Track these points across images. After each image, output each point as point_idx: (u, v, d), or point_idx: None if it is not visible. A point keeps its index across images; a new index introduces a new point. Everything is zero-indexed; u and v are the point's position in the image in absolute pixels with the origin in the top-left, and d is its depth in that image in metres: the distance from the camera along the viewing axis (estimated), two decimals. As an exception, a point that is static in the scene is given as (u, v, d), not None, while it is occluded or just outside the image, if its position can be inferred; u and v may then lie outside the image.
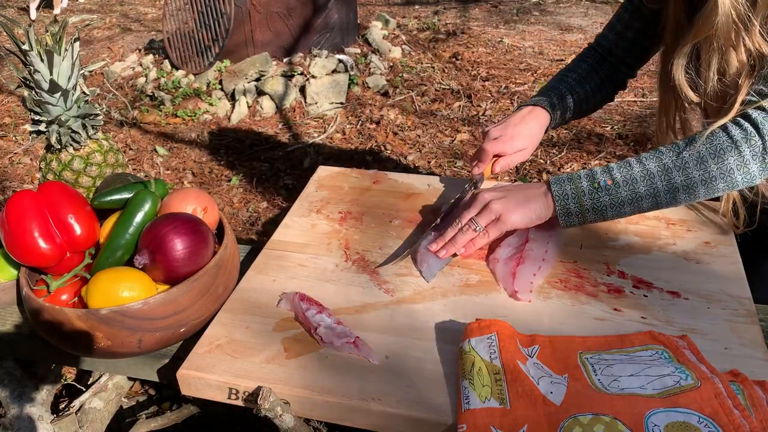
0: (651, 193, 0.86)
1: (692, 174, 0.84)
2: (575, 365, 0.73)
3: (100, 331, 0.77)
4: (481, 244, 0.93)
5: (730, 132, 0.84)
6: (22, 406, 1.02)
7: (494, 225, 0.91)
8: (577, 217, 0.89)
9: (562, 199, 0.88)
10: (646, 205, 0.87)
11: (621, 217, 0.89)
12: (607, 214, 0.88)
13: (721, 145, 0.84)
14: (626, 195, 0.86)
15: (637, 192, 0.86)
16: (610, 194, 0.86)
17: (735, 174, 0.84)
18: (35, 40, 0.93)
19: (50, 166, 1.03)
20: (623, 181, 0.86)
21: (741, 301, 0.84)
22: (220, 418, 1.36)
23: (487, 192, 0.93)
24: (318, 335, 0.80)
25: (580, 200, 0.87)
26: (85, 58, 4.50)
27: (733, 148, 0.83)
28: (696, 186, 0.85)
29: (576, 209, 0.88)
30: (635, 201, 0.86)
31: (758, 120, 0.83)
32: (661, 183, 0.85)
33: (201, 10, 3.64)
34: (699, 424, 0.62)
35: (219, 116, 3.52)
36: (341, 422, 0.75)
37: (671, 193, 0.85)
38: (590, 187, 0.87)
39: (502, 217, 0.90)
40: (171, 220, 0.84)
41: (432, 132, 3.23)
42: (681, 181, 0.84)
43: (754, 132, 0.83)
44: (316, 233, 1.05)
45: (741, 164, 0.83)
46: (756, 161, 0.83)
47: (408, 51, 4.09)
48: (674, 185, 0.85)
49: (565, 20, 4.86)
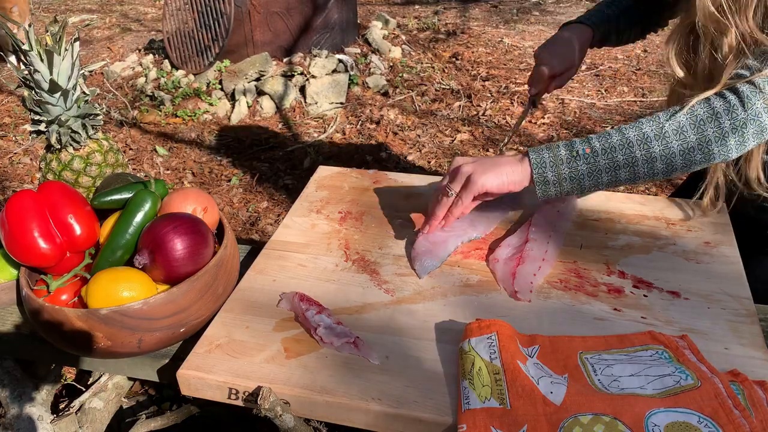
0: (629, 161, 0.85)
1: (671, 144, 0.83)
2: (575, 365, 0.73)
3: (100, 331, 0.77)
4: (459, 212, 0.92)
5: (712, 103, 0.83)
6: (22, 406, 1.02)
7: (466, 188, 0.90)
8: (554, 186, 0.88)
9: (540, 167, 0.87)
10: (624, 175, 0.86)
11: (598, 188, 0.88)
12: (584, 183, 0.87)
13: (702, 115, 0.83)
14: (604, 163, 0.85)
15: (615, 161, 0.85)
16: (588, 162, 0.86)
17: (712, 145, 0.83)
18: (35, 40, 0.93)
19: (50, 166, 1.03)
20: (602, 149, 0.85)
21: (741, 301, 0.84)
22: (220, 418, 1.36)
23: (461, 159, 0.94)
24: (318, 335, 0.80)
25: (558, 168, 0.86)
26: (85, 58, 4.50)
27: (713, 119, 0.82)
28: (674, 156, 0.84)
29: (553, 177, 0.87)
30: (613, 170, 0.85)
31: (745, 93, 0.82)
32: (639, 152, 0.84)
33: (201, 10, 3.64)
34: (699, 424, 0.62)
35: (219, 116, 3.52)
36: (341, 422, 0.75)
37: (649, 163, 0.84)
38: (569, 156, 0.86)
39: (472, 178, 0.89)
40: (171, 220, 0.84)
41: (432, 132, 3.23)
42: (659, 150, 0.84)
43: (738, 104, 0.82)
44: (316, 233, 1.05)
45: (720, 136, 0.82)
46: (735, 134, 0.82)
47: (408, 51, 4.09)
48: (652, 155, 0.84)
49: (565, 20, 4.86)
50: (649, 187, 2.64)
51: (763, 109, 0.81)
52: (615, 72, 3.68)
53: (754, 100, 0.81)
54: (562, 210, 1.04)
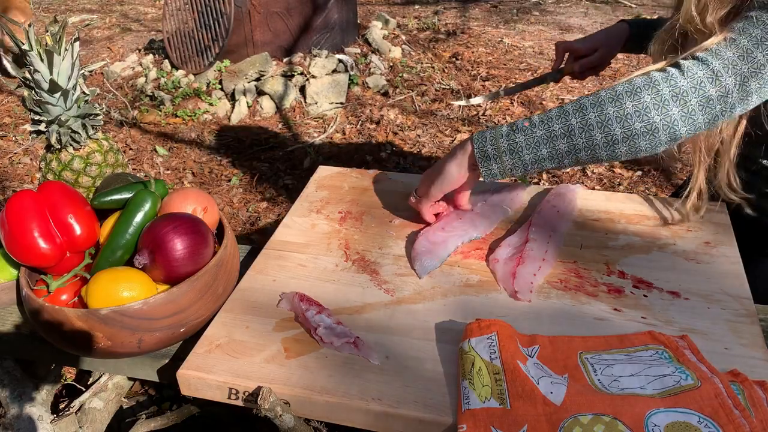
0: (565, 131, 0.83)
1: (607, 110, 0.81)
2: (575, 365, 0.73)
3: (100, 331, 0.77)
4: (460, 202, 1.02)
5: (650, 74, 0.82)
6: (22, 406, 1.02)
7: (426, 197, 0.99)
8: (496, 162, 0.88)
9: (480, 142, 0.89)
10: (563, 146, 0.84)
11: (541, 164, 0.87)
12: (524, 157, 0.86)
13: (639, 83, 0.81)
14: (541, 134, 0.85)
15: (551, 130, 0.84)
16: (526, 134, 0.86)
17: (651, 112, 0.80)
18: (35, 40, 0.93)
19: (50, 166, 1.03)
20: (539, 121, 0.86)
21: (741, 301, 0.84)
22: (220, 418, 1.36)
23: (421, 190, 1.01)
24: (318, 335, 0.80)
25: (497, 142, 0.87)
26: (85, 58, 4.50)
27: (651, 87, 0.80)
28: (611, 123, 0.81)
29: (493, 151, 0.88)
30: (550, 140, 0.84)
31: (686, 65, 0.81)
32: (575, 119, 0.83)
33: (201, 10, 3.64)
34: (699, 424, 0.62)
35: (219, 116, 3.52)
36: (341, 422, 0.75)
37: (586, 132, 0.82)
38: (508, 130, 0.87)
39: (428, 193, 0.98)
40: (171, 220, 0.84)
41: (432, 132, 3.23)
42: (595, 117, 0.82)
43: (677, 74, 0.80)
44: (316, 233, 1.05)
45: (659, 103, 0.79)
46: (677, 103, 0.79)
47: (408, 51, 4.09)
48: (588, 122, 0.82)
49: (565, 20, 4.86)
50: (649, 187, 2.64)
51: (707, 78, 0.79)
52: (615, 72, 3.68)
53: (696, 69, 0.79)
54: (562, 210, 1.04)
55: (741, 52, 0.79)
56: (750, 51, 0.78)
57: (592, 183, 2.70)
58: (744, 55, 0.78)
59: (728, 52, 0.79)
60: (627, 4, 5.15)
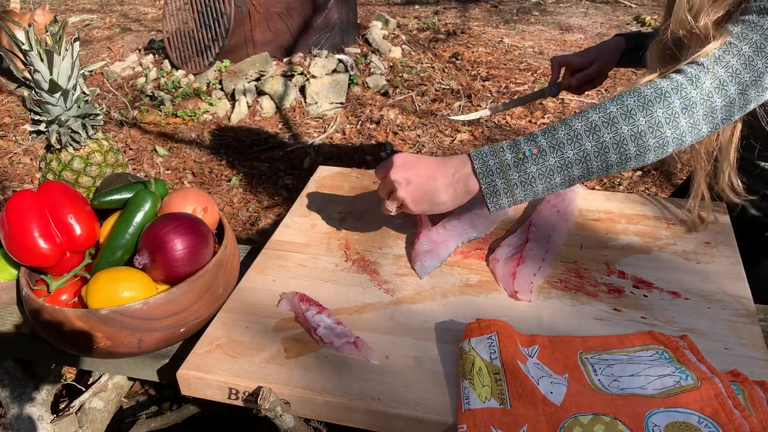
0: (581, 157, 0.78)
1: (621, 129, 0.77)
2: (575, 365, 0.73)
3: (100, 331, 0.77)
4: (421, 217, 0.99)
5: (658, 84, 0.78)
6: (22, 406, 1.02)
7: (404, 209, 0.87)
8: (506, 196, 0.80)
9: (487, 176, 0.79)
10: (578, 172, 0.79)
11: (552, 190, 0.81)
12: (537, 188, 0.79)
13: (650, 96, 0.77)
14: (554, 162, 0.78)
15: (566, 157, 0.78)
16: (537, 163, 0.78)
17: (664, 128, 0.77)
18: (35, 40, 0.93)
19: (50, 166, 1.03)
20: (549, 147, 0.78)
21: (741, 301, 0.84)
22: (220, 418, 1.36)
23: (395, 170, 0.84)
24: (318, 336, 0.80)
25: (506, 174, 0.79)
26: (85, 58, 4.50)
27: (662, 99, 0.77)
28: (626, 143, 0.77)
29: (503, 186, 0.79)
30: (565, 168, 0.78)
31: (691, 73, 0.78)
32: (590, 143, 0.77)
33: (201, 10, 3.64)
34: (699, 424, 0.62)
35: (219, 116, 3.52)
36: (341, 422, 0.75)
37: (602, 155, 0.78)
38: (515, 159, 0.79)
39: (408, 206, 0.85)
40: (171, 220, 0.84)
41: (432, 132, 3.23)
42: (610, 138, 0.77)
43: (686, 83, 0.77)
44: (316, 233, 1.05)
45: (670, 117, 0.77)
46: (686, 114, 0.77)
47: (408, 51, 4.09)
48: (604, 144, 0.77)
49: (565, 20, 4.86)
50: (649, 187, 2.64)
51: (714, 88, 0.77)
52: (615, 72, 3.68)
53: (703, 78, 0.77)
54: (562, 210, 1.04)
55: (744, 59, 0.77)
56: (751, 59, 0.76)
57: (592, 183, 2.70)
58: (746, 63, 0.77)
59: (732, 59, 0.77)
60: (627, 4, 5.15)
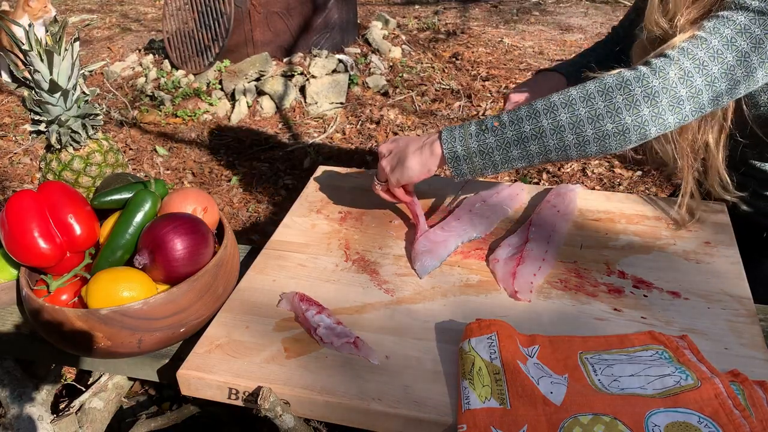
0: (537, 132, 0.81)
1: (579, 110, 0.80)
2: (575, 365, 0.73)
3: (100, 331, 0.77)
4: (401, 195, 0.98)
5: (622, 73, 0.80)
6: (22, 406, 1.02)
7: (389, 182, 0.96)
8: (465, 163, 0.86)
9: (449, 142, 0.86)
10: (534, 149, 0.82)
11: (512, 164, 0.85)
12: (495, 158, 0.84)
13: (611, 83, 0.80)
14: (512, 135, 0.82)
15: (522, 131, 0.82)
16: (496, 135, 0.83)
17: (623, 113, 0.78)
18: (35, 40, 0.93)
19: (50, 166, 1.03)
20: (509, 121, 0.83)
21: (741, 301, 0.84)
22: (220, 418, 1.36)
23: (383, 147, 0.97)
24: (318, 336, 0.80)
25: (467, 142, 0.85)
26: (85, 58, 4.50)
27: (623, 86, 0.79)
28: (582, 124, 0.79)
29: (463, 152, 0.85)
30: (521, 142, 0.82)
31: (657, 64, 0.79)
32: (546, 121, 0.81)
33: (201, 10, 3.64)
34: (699, 424, 0.62)
35: (219, 116, 3.52)
36: (341, 422, 0.75)
37: (558, 133, 0.80)
38: (478, 130, 0.85)
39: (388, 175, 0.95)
40: (171, 220, 0.84)
41: (432, 132, 3.22)
42: (567, 118, 0.80)
43: (648, 73, 0.79)
44: (316, 233, 1.05)
45: (630, 104, 0.78)
46: (647, 103, 0.78)
47: (408, 51, 4.09)
48: (560, 123, 0.80)
49: (565, 20, 4.86)
50: (648, 187, 2.64)
51: (678, 78, 0.78)
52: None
53: (667, 69, 0.78)
54: (562, 210, 1.04)
55: (712, 52, 0.78)
56: (721, 52, 0.78)
57: (592, 183, 2.70)
58: (714, 55, 0.78)
59: (700, 52, 0.78)
60: (627, 4, 5.15)
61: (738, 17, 0.78)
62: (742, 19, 0.77)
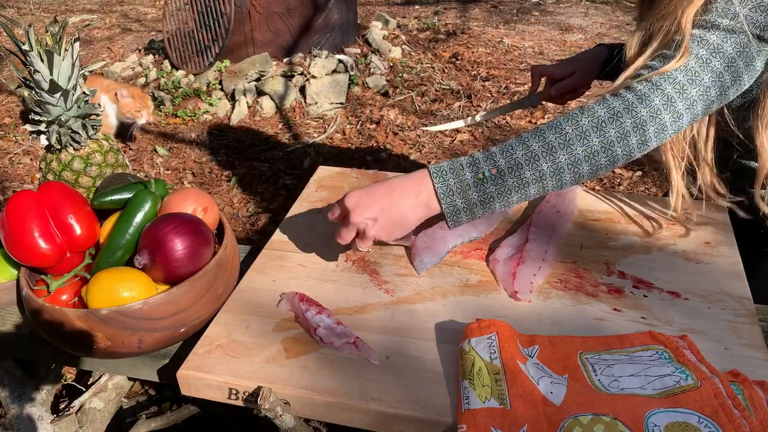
0: (537, 177, 0.81)
1: (576, 151, 0.80)
2: (575, 365, 0.73)
3: (100, 331, 0.77)
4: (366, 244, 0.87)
5: (611, 104, 0.81)
6: (22, 406, 1.02)
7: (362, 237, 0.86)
8: (466, 214, 0.83)
9: (448, 196, 0.82)
10: (534, 191, 0.83)
11: (508, 206, 0.84)
12: (494, 206, 0.83)
13: (603, 117, 0.80)
14: (512, 182, 0.81)
15: (523, 178, 0.81)
16: (497, 184, 0.81)
17: (615, 147, 0.80)
18: (35, 40, 0.93)
19: (50, 166, 1.03)
20: (508, 168, 0.81)
21: (741, 301, 0.84)
22: (220, 418, 1.36)
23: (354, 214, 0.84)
24: (318, 336, 0.80)
25: (466, 194, 0.82)
26: (85, 58, 4.50)
27: (614, 120, 0.80)
28: (580, 164, 0.80)
29: (463, 205, 0.82)
30: (522, 188, 0.82)
31: (642, 90, 0.81)
32: (546, 164, 0.80)
33: (201, 10, 3.64)
34: (699, 424, 0.62)
35: (219, 116, 3.52)
36: (341, 422, 0.75)
37: (557, 175, 0.81)
38: (475, 179, 0.81)
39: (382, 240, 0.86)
40: (171, 220, 0.84)
41: (432, 132, 3.22)
42: (565, 159, 0.80)
43: (636, 102, 0.80)
44: (316, 233, 1.05)
45: (621, 136, 0.80)
46: (637, 133, 0.80)
47: (408, 51, 4.09)
48: (559, 166, 0.80)
49: (565, 20, 4.86)
50: (648, 187, 2.64)
51: (662, 105, 0.80)
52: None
53: (652, 96, 0.80)
54: (562, 210, 1.04)
55: (690, 75, 0.80)
56: (698, 73, 0.80)
57: (592, 183, 2.70)
58: (692, 78, 0.80)
59: (679, 74, 0.81)
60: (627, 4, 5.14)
61: (710, 37, 0.80)
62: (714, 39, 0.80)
